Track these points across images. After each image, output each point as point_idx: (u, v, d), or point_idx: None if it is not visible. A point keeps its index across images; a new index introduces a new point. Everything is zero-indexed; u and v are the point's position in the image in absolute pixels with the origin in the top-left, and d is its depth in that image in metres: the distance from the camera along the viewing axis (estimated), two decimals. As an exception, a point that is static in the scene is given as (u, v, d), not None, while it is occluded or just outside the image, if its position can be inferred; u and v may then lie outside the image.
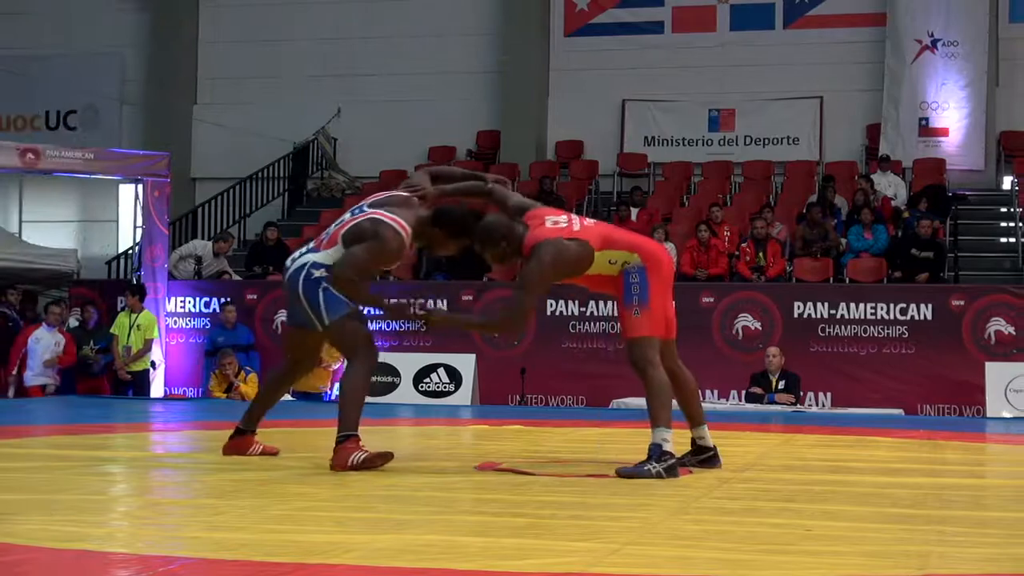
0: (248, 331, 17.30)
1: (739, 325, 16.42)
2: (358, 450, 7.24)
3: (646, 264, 7.36)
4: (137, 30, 25.45)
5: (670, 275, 7.60)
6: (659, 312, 7.41)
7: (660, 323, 7.44)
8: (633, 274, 7.34)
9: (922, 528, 5.32)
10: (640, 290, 7.33)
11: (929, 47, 22.20)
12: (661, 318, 7.45)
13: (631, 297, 7.33)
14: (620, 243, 7.43)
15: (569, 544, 4.79)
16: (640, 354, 7.34)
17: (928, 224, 17.77)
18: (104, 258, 22.25)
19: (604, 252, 7.35)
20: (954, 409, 15.61)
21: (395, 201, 7.62)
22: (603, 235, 7.44)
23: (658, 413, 7.29)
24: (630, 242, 7.48)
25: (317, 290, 7.40)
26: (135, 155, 19.17)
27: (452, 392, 15.66)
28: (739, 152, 23.01)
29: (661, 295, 7.42)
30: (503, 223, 7.48)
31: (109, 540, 4.95)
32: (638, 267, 7.35)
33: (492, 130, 23.88)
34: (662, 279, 7.43)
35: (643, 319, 7.33)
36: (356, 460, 7.19)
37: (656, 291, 7.37)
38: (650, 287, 7.34)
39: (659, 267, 7.41)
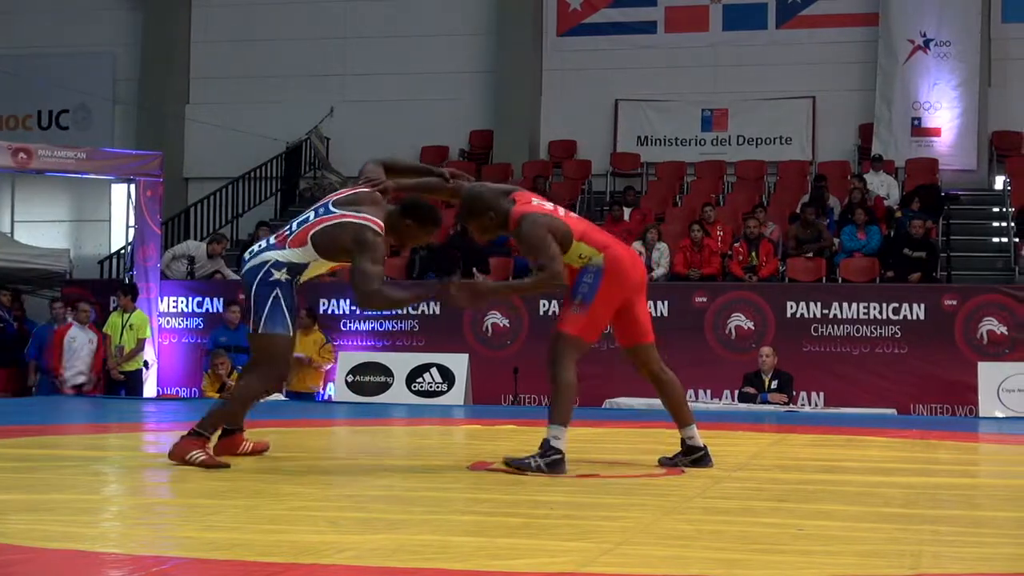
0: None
1: (732, 325, 16.43)
2: (202, 450, 7.23)
3: (606, 267, 7.31)
4: (129, 29, 25.43)
5: (639, 282, 7.53)
6: (599, 319, 7.38)
7: (596, 330, 7.42)
8: (589, 273, 7.31)
9: (915, 528, 5.33)
10: (588, 290, 7.29)
11: (921, 47, 22.23)
12: (599, 326, 7.43)
13: (577, 294, 7.32)
14: (593, 240, 7.40)
15: (563, 544, 4.79)
16: (560, 349, 7.33)
17: (920, 224, 17.79)
18: (97, 258, 22.24)
19: (579, 244, 7.33)
20: (947, 409, 15.62)
21: (362, 199, 7.49)
22: (581, 229, 7.44)
23: (557, 411, 7.35)
24: (602, 242, 7.43)
25: (268, 297, 7.32)
26: (127, 155, 19.16)
27: (445, 392, 15.65)
28: (732, 152, 23.03)
29: (610, 302, 7.36)
30: (490, 195, 7.44)
31: (102, 540, 4.94)
32: (596, 268, 7.31)
33: (485, 130, 23.88)
34: (620, 286, 7.36)
35: (580, 318, 7.31)
36: (195, 458, 7.17)
37: (604, 297, 7.30)
38: (599, 291, 7.28)
39: (619, 274, 7.35)
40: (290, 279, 7.37)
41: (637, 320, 7.57)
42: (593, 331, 7.40)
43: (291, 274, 7.37)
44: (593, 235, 7.46)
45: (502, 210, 7.33)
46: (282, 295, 7.33)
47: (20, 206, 25.62)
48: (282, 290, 7.33)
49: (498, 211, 7.33)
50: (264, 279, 7.34)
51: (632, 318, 7.54)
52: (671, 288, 17.08)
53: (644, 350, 7.65)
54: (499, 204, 7.36)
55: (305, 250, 7.38)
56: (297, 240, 7.41)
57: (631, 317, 7.54)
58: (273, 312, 7.30)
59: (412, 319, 16.94)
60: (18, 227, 25.02)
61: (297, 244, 7.40)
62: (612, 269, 7.31)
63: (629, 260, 7.51)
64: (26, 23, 25.53)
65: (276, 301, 7.30)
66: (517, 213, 7.31)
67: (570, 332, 7.30)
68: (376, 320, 16.79)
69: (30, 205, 25.50)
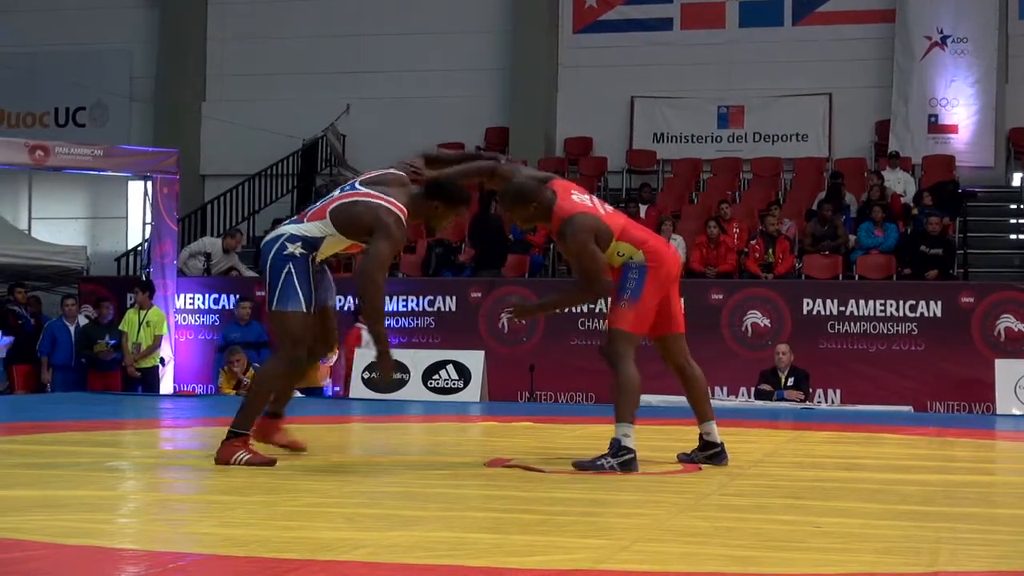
0: (261, 328, 17.25)
1: (748, 322, 16.41)
2: (244, 450, 7.20)
3: (648, 263, 7.39)
4: (146, 27, 25.48)
5: (675, 274, 7.61)
6: (648, 312, 7.43)
7: (646, 322, 7.47)
8: (633, 269, 7.37)
9: (932, 525, 5.32)
10: (635, 286, 7.35)
11: (938, 44, 22.17)
12: (648, 318, 7.47)
13: (625, 290, 7.37)
14: (632, 237, 7.46)
15: (579, 541, 4.79)
16: (616, 346, 7.36)
17: (937, 221, 17.73)
18: (113, 255, 22.27)
19: (618, 243, 7.38)
20: (963, 406, 15.58)
21: (389, 180, 7.45)
22: (621, 226, 7.49)
23: (623, 409, 7.31)
24: (640, 238, 7.50)
25: (282, 270, 7.20)
26: (144, 152, 19.19)
27: (461, 389, 15.65)
28: (748, 149, 22.99)
29: (656, 295, 7.43)
30: (533, 185, 7.47)
31: (119, 536, 4.96)
32: (640, 264, 7.38)
33: (501, 127, 23.87)
34: (661, 280, 7.43)
35: (630, 313, 7.36)
36: (240, 459, 7.15)
37: (651, 291, 7.38)
38: (645, 286, 7.36)
39: (660, 268, 7.42)
40: (305, 253, 7.24)
41: (671, 311, 7.62)
42: (644, 324, 7.46)
43: (306, 248, 7.25)
44: (632, 231, 7.52)
45: (545, 201, 7.38)
46: (295, 270, 7.20)
47: (37, 203, 25.68)
48: (295, 265, 7.20)
49: (541, 203, 7.38)
50: (278, 252, 7.25)
51: (666, 309, 7.58)
52: (687, 285, 16.85)
53: (673, 340, 7.69)
54: (543, 196, 7.41)
55: (323, 224, 7.27)
56: (316, 214, 7.33)
57: (666, 308, 7.58)
58: (286, 288, 7.19)
59: (429, 316, 16.95)
60: (35, 224, 25.07)
61: (316, 218, 7.32)
62: (654, 264, 7.39)
63: (668, 254, 7.59)
64: (43, 21, 25.57)
65: (289, 277, 7.18)
66: (561, 211, 7.35)
67: (625, 328, 7.36)
68: (392, 317, 16.79)
69: (47, 202, 25.57)
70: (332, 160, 24.20)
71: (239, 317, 17.24)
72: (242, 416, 7.32)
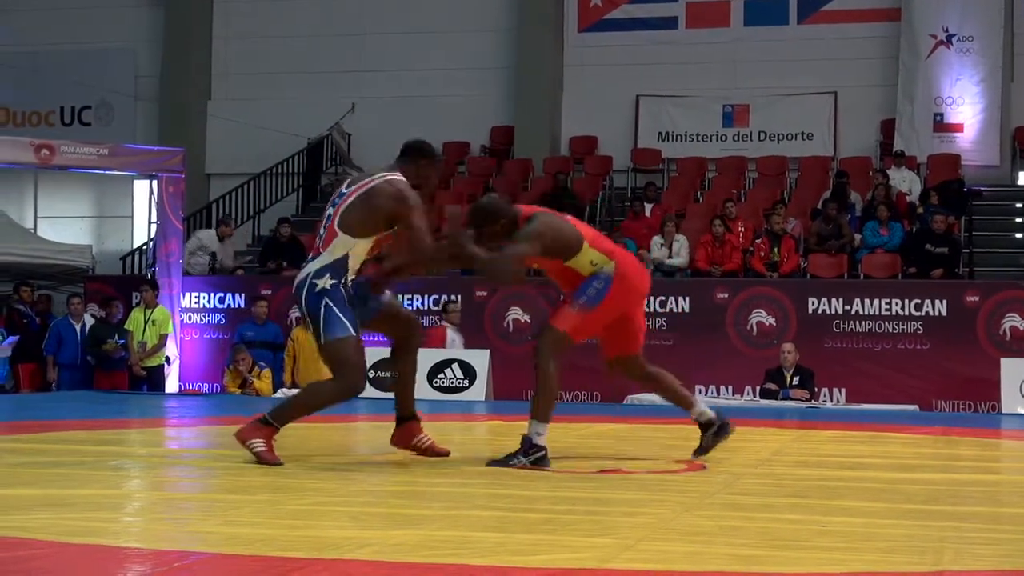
0: (278, 329, 17.16)
1: (753, 321, 16.40)
2: (265, 441, 7.22)
3: (616, 276, 7.39)
4: (151, 26, 25.48)
5: (644, 292, 7.67)
6: (595, 324, 7.47)
7: (587, 333, 7.51)
8: (599, 279, 7.37)
9: (936, 524, 5.32)
10: (595, 295, 7.36)
11: (944, 42, 22.14)
12: (591, 331, 7.52)
13: (583, 295, 7.38)
14: (602, 247, 7.50)
15: (583, 540, 4.79)
16: (550, 345, 7.38)
17: (943, 219, 17.70)
18: (119, 254, 22.29)
19: (591, 250, 7.39)
20: (969, 405, 15.57)
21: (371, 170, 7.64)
22: (591, 235, 7.53)
23: (540, 409, 7.39)
24: (609, 249, 7.53)
25: (319, 306, 7.26)
26: (149, 151, 19.20)
27: (466, 388, 15.64)
28: (753, 148, 22.97)
29: (614, 310, 7.45)
30: (500, 201, 7.59)
31: (123, 535, 4.96)
32: (607, 276, 7.38)
33: (506, 126, 23.86)
34: (625, 295, 7.47)
35: (576, 318, 7.37)
36: (254, 446, 7.19)
37: (609, 305, 7.39)
38: (605, 299, 7.36)
39: (628, 283, 7.46)
40: (336, 282, 7.29)
41: (632, 329, 7.65)
42: (584, 334, 7.50)
43: (336, 276, 7.29)
44: (601, 242, 7.56)
45: (512, 215, 7.43)
46: (332, 301, 7.26)
47: (43, 202, 25.69)
48: (331, 296, 7.27)
49: (508, 216, 7.42)
50: (310, 292, 7.31)
51: (628, 327, 7.63)
52: (692, 284, 17.07)
53: (631, 359, 7.77)
54: (509, 210, 7.48)
55: (339, 240, 7.31)
56: (328, 239, 7.37)
57: (628, 326, 7.62)
58: (328, 319, 7.25)
59: (434, 315, 16.95)
60: (41, 223, 25.08)
61: (329, 241, 7.35)
62: (623, 278, 7.40)
63: (637, 271, 7.65)
64: (48, 20, 25.58)
65: (328, 310, 7.25)
66: (528, 211, 7.40)
67: (563, 329, 7.37)
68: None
69: (52, 201, 25.58)
70: (337, 159, 24.20)
71: (256, 316, 17.20)
72: (281, 411, 7.38)
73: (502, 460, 7.25)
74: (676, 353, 16.32)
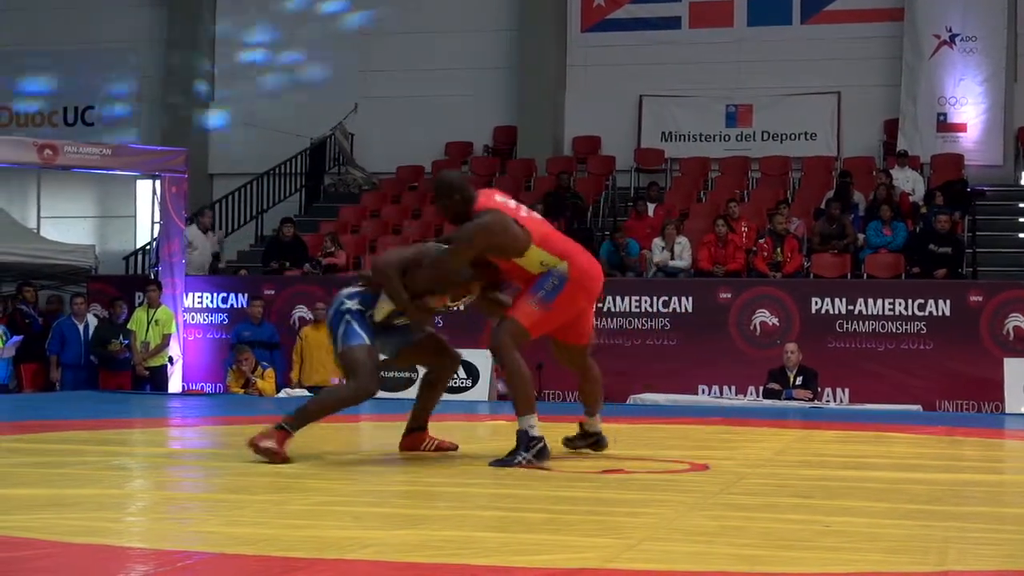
0: (274, 328, 17.23)
1: (757, 321, 16.39)
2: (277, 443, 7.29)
3: (571, 276, 7.42)
4: (154, 26, 25.48)
5: (596, 293, 7.74)
6: (552, 320, 7.49)
7: (544, 328, 7.53)
8: (554, 276, 7.39)
9: (940, 524, 5.31)
10: (552, 290, 7.39)
11: (947, 42, 22.13)
12: (549, 326, 7.55)
13: (540, 289, 7.41)
14: (554, 247, 7.48)
15: (586, 540, 4.79)
16: (507, 337, 7.40)
17: (946, 219, 17.69)
18: (122, 254, 22.29)
19: (539, 250, 7.39)
20: (972, 405, 15.56)
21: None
22: (543, 233, 7.50)
23: (521, 402, 7.43)
24: (564, 250, 7.52)
25: (340, 321, 7.50)
26: (153, 151, 19.21)
27: (469, 388, 15.65)
28: (756, 147, 22.95)
29: (569, 308, 7.50)
30: (461, 180, 7.67)
31: (126, 535, 4.96)
32: (561, 274, 7.40)
33: (509, 126, 23.85)
34: (579, 294, 7.52)
35: (535, 313, 7.40)
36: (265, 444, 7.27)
37: (564, 302, 7.43)
38: (560, 295, 7.40)
39: (581, 282, 7.49)
40: (362, 309, 7.54)
41: (583, 326, 7.79)
42: (541, 329, 7.52)
43: (363, 304, 7.56)
44: (555, 242, 7.54)
45: (469, 195, 7.47)
46: (353, 319, 7.51)
47: (46, 202, 25.69)
48: (353, 315, 7.52)
49: (464, 196, 7.46)
50: (337, 309, 7.57)
51: (579, 323, 7.74)
52: (695, 284, 17.06)
53: (578, 350, 7.88)
54: (467, 189, 7.51)
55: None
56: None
57: (579, 323, 7.73)
58: (347, 331, 7.49)
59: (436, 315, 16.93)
60: (44, 223, 25.08)
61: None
62: (577, 278, 7.45)
63: (593, 272, 7.66)
64: (52, 20, 25.58)
65: (348, 325, 7.50)
66: (479, 205, 7.41)
67: (522, 322, 7.39)
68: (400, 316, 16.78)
69: (56, 201, 25.58)
70: (340, 159, 24.19)
71: (252, 316, 17.24)
72: (297, 417, 7.50)
73: (505, 459, 7.25)
74: (679, 353, 16.34)
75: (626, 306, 16.54)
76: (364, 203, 22.27)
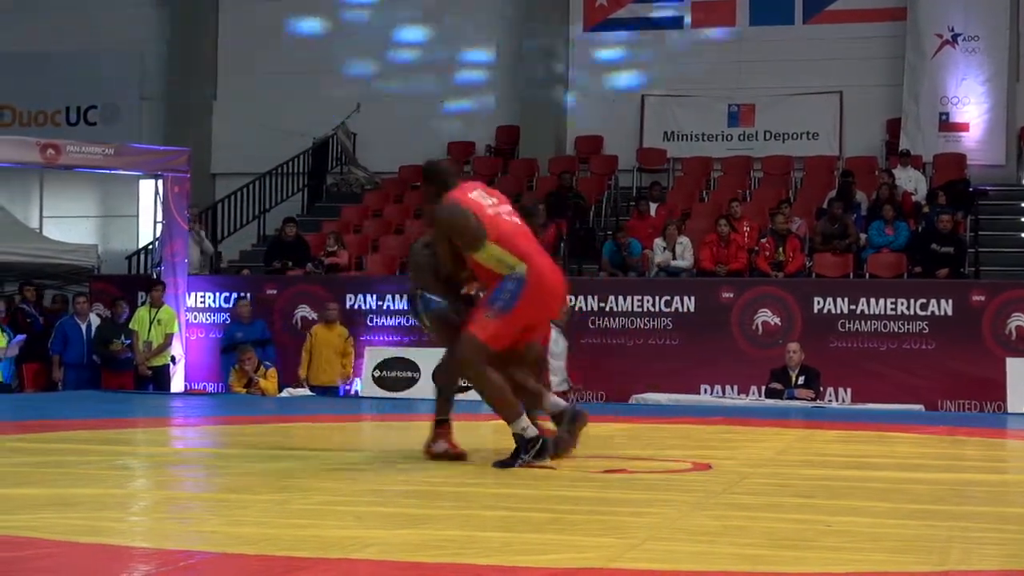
0: (264, 325, 17.27)
1: (759, 320, 16.39)
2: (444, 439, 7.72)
3: (528, 280, 7.29)
4: (157, 25, 25.50)
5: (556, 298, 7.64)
6: (510, 329, 7.37)
7: (504, 339, 7.39)
8: (512, 281, 7.29)
9: (942, 524, 5.31)
10: (509, 298, 7.28)
11: (949, 42, 22.12)
12: (508, 336, 7.41)
13: (496, 300, 7.31)
14: (516, 248, 7.35)
15: (589, 539, 4.79)
16: (472, 355, 7.36)
17: (948, 218, 17.68)
18: (124, 253, 22.30)
19: (495, 247, 7.28)
20: (974, 405, 15.55)
21: None
22: (506, 232, 7.38)
23: (503, 414, 7.38)
24: (525, 252, 7.38)
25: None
26: (155, 151, 19.21)
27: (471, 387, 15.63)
28: (758, 147, 22.95)
29: (527, 315, 7.38)
30: (446, 169, 7.73)
31: (129, 535, 4.97)
32: (519, 278, 7.29)
33: (511, 125, 23.85)
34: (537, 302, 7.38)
35: (492, 324, 7.30)
36: (437, 449, 7.64)
37: (523, 309, 7.30)
38: (519, 302, 7.27)
39: (540, 291, 7.35)
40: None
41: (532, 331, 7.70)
42: (501, 340, 7.37)
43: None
44: (517, 243, 7.39)
45: (443, 187, 7.48)
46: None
47: (48, 202, 25.71)
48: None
49: (440, 187, 7.49)
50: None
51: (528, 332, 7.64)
52: (697, 284, 17.05)
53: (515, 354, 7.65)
54: (446, 181, 7.53)
55: None
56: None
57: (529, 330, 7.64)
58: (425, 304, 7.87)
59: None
60: (46, 223, 25.09)
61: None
62: (534, 283, 7.31)
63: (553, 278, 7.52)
64: (54, 20, 25.58)
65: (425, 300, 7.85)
66: (450, 197, 7.39)
67: (480, 337, 7.31)
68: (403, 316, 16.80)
69: (58, 201, 25.59)
70: (343, 158, 24.20)
71: (241, 315, 17.25)
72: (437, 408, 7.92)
73: (508, 460, 7.24)
74: (681, 353, 16.34)
75: (628, 306, 16.53)
76: (366, 203, 22.28)
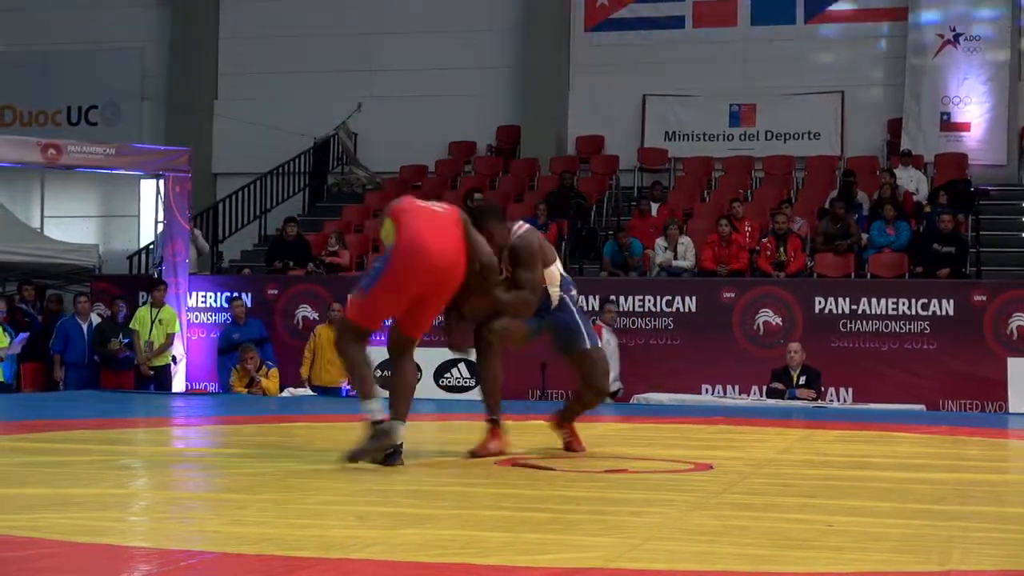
0: (260, 325, 17.25)
1: (760, 320, 16.38)
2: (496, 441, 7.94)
3: (392, 253, 7.12)
4: (158, 25, 25.51)
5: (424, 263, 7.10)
6: (378, 306, 7.24)
7: (375, 316, 7.33)
8: (381, 258, 7.30)
9: (944, 524, 5.31)
10: (374, 274, 7.24)
11: (950, 41, 22.12)
12: (378, 313, 7.34)
13: (364, 277, 7.44)
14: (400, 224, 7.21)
15: (590, 539, 4.79)
16: (340, 333, 7.57)
17: (950, 218, 17.67)
18: (125, 253, 22.30)
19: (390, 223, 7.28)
20: (976, 405, 15.54)
21: None
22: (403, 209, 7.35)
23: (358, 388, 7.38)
24: (405, 226, 7.18)
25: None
26: (156, 150, 19.22)
27: (473, 387, 15.64)
28: (760, 147, 22.95)
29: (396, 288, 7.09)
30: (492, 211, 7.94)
31: (130, 534, 4.97)
32: (388, 252, 7.20)
33: (512, 125, 23.85)
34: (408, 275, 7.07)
35: (357, 302, 7.27)
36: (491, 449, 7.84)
37: (387, 283, 7.09)
38: (382, 276, 7.11)
39: (406, 261, 7.06)
40: None
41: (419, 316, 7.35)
42: (373, 316, 7.31)
43: None
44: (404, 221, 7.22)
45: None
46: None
47: (49, 201, 25.71)
48: None
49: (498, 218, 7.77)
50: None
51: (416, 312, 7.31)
52: (698, 284, 17.05)
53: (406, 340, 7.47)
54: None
55: None
56: None
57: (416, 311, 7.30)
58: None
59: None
60: (47, 222, 25.10)
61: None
62: (398, 255, 7.10)
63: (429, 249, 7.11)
64: (55, 19, 25.61)
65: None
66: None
67: (348, 316, 7.39)
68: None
69: (59, 200, 25.60)
70: (344, 158, 24.20)
71: (236, 315, 17.24)
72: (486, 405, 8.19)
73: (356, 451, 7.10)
74: (682, 353, 16.33)
75: (629, 306, 16.53)
76: (367, 202, 22.27)
